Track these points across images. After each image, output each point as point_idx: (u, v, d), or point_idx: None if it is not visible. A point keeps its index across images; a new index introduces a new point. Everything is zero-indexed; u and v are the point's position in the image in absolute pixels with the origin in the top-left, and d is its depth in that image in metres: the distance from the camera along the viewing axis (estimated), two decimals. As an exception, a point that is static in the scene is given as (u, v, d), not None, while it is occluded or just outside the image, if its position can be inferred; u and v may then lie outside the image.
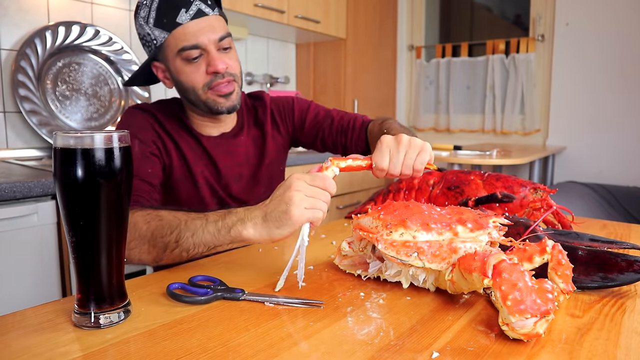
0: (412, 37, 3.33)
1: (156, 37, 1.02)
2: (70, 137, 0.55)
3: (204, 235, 0.75)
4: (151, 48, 1.05)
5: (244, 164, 1.17)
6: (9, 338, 0.54)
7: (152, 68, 1.10)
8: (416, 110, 3.30)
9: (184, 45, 1.00)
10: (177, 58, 1.02)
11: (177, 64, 1.03)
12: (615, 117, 2.62)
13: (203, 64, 1.03)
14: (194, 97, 1.06)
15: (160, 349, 0.52)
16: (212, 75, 1.03)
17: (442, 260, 0.63)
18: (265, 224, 0.70)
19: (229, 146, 1.15)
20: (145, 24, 1.02)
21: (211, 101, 1.05)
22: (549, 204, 0.92)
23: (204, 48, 1.01)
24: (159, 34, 1.01)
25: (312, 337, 0.55)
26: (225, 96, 1.06)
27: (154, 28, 1.01)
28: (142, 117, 1.09)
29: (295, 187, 0.69)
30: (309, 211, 0.68)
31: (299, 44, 3.12)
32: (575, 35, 2.69)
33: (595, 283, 0.68)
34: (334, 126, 1.25)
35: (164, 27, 1.00)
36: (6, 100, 1.79)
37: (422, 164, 0.81)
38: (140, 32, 1.05)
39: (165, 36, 1.01)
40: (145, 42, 1.05)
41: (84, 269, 0.58)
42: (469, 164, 2.35)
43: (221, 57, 1.03)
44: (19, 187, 1.29)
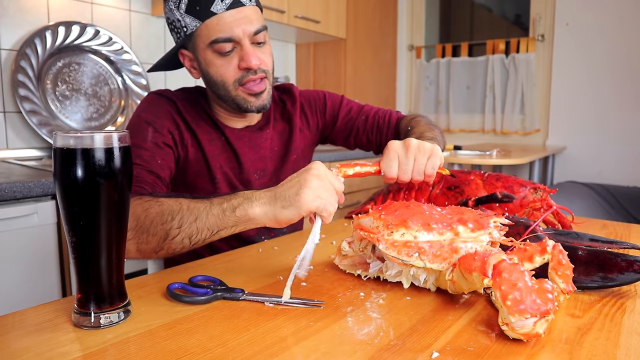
0: (412, 37, 3.33)
1: (187, 25, 0.95)
2: (70, 137, 0.55)
3: (208, 218, 0.71)
4: (180, 35, 0.98)
5: (268, 158, 1.12)
6: (9, 338, 0.54)
7: (179, 56, 1.04)
8: (416, 110, 3.30)
9: (217, 37, 0.93)
10: (208, 49, 0.96)
11: (208, 55, 0.97)
12: (615, 117, 2.62)
13: (235, 58, 0.96)
14: (223, 92, 1.00)
15: (160, 349, 0.52)
16: (244, 71, 0.97)
17: (443, 261, 0.63)
18: (273, 203, 0.68)
19: (254, 139, 1.10)
20: (175, 9, 0.95)
21: (241, 99, 1.00)
22: (549, 204, 0.92)
23: (238, 41, 0.95)
24: (190, 21, 0.94)
25: (312, 337, 0.55)
26: (256, 95, 1.00)
27: (185, 15, 0.94)
28: (161, 103, 1.03)
29: (315, 173, 0.67)
30: (320, 200, 0.66)
31: (299, 44, 3.12)
32: (575, 35, 2.69)
33: (595, 283, 0.68)
34: (368, 123, 1.19)
35: (197, 15, 0.93)
36: (6, 100, 1.79)
37: (434, 168, 0.79)
38: (170, 16, 0.98)
39: (197, 25, 0.94)
40: (174, 28, 0.99)
41: (84, 269, 0.58)
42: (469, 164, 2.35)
43: (255, 52, 0.96)
44: (19, 187, 1.28)
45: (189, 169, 1.04)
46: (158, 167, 0.95)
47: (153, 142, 0.97)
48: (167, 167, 0.98)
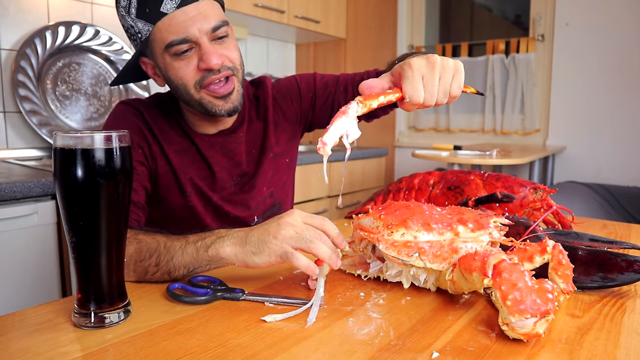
0: (412, 37, 3.33)
1: (140, 30, 0.88)
2: (70, 137, 0.55)
3: (183, 257, 0.71)
4: (137, 42, 0.91)
5: (244, 162, 1.06)
6: (9, 338, 0.54)
7: (140, 64, 0.97)
8: (416, 110, 3.30)
9: (172, 40, 0.86)
10: (165, 53, 0.89)
11: (166, 59, 0.90)
12: (615, 117, 2.62)
13: (195, 59, 0.89)
14: (187, 96, 0.93)
15: (160, 349, 0.52)
16: (205, 72, 0.90)
17: (443, 261, 0.63)
18: (243, 246, 0.67)
19: (227, 145, 1.04)
20: (127, 14, 0.88)
21: (207, 102, 0.93)
22: (549, 204, 0.92)
23: (194, 41, 0.88)
24: (142, 26, 0.88)
25: (312, 337, 0.55)
26: (224, 97, 0.93)
27: (137, 19, 0.87)
28: (128, 115, 0.98)
29: (286, 222, 0.65)
30: (287, 251, 0.63)
31: (299, 44, 3.12)
32: (575, 35, 2.69)
33: (595, 283, 0.68)
34: (348, 92, 1.08)
35: (147, 18, 0.86)
36: (6, 100, 1.79)
37: (460, 87, 0.71)
38: (124, 23, 0.91)
39: (149, 29, 0.87)
40: (130, 35, 0.92)
41: (84, 269, 0.58)
42: (469, 164, 2.35)
43: (216, 50, 0.89)
44: (19, 187, 1.28)
45: (159, 183, 0.99)
46: (133, 193, 0.90)
47: None
48: (142, 188, 0.94)
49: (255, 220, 1.08)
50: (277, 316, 0.60)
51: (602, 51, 2.62)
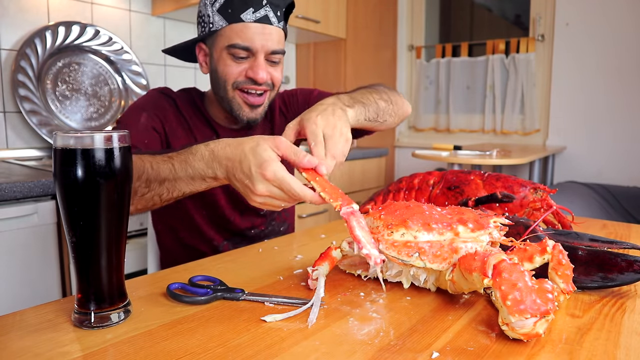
0: (412, 37, 3.33)
1: (214, 22, 1.01)
2: (70, 137, 0.55)
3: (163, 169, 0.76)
4: (205, 29, 1.03)
5: None
6: (9, 338, 0.54)
7: (196, 47, 1.09)
8: (416, 110, 3.30)
9: (236, 43, 0.99)
10: (225, 50, 1.01)
11: (223, 54, 1.02)
12: (615, 117, 2.62)
13: (246, 65, 1.02)
14: (223, 92, 1.05)
15: (160, 349, 0.52)
16: (248, 79, 1.02)
17: (443, 261, 0.63)
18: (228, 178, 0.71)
19: None
20: (210, 4, 1.01)
21: (236, 104, 1.05)
22: (549, 204, 0.92)
23: (254, 52, 1.01)
24: (218, 20, 1.00)
25: (312, 337, 0.55)
26: (252, 107, 1.05)
27: (216, 13, 1.00)
28: (159, 97, 1.09)
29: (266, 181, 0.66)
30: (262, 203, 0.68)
31: (299, 44, 3.12)
32: (575, 35, 2.69)
33: (595, 283, 0.68)
34: None
35: (226, 16, 0.99)
36: (6, 100, 1.79)
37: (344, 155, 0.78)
38: (202, 10, 1.04)
39: (223, 25, 1.00)
40: (201, 22, 1.04)
41: (84, 269, 0.58)
42: (469, 164, 2.35)
43: (266, 67, 1.02)
44: (19, 187, 1.28)
45: None
46: (143, 145, 1.00)
47: (143, 126, 1.01)
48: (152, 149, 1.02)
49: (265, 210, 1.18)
50: (277, 316, 0.60)
51: (602, 51, 2.62)
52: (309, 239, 0.99)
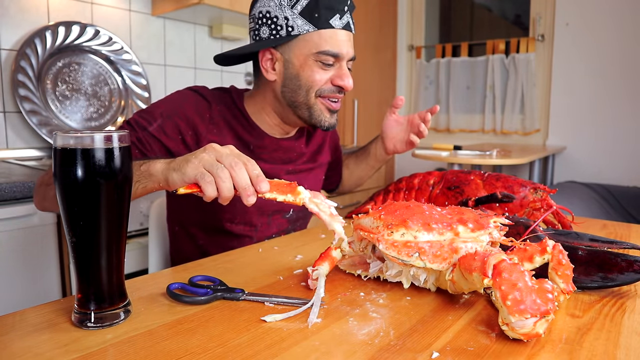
0: (412, 37, 3.33)
1: (295, 26, 0.96)
2: (70, 137, 0.55)
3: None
4: (278, 33, 0.98)
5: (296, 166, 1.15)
6: (9, 338, 0.54)
7: (259, 52, 1.02)
8: (416, 110, 3.30)
9: (328, 49, 0.97)
10: (311, 56, 0.98)
11: (309, 61, 0.98)
12: (615, 117, 2.62)
13: (332, 72, 1.00)
14: (304, 98, 1.01)
15: (160, 349, 0.52)
16: (334, 87, 1.01)
17: (443, 261, 0.63)
18: (169, 164, 0.70)
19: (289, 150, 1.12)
20: (288, 7, 0.96)
21: (317, 110, 1.02)
22: (549, 204, 0.92)
23: (340, 59, 1.00)
24: (302, 24, 0.96)
25: (312, 337, 0.55)
26: (332, 112, 1.04)
27: (299, 16, 0.96)
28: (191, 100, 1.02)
29: (212, 147, 0.67)
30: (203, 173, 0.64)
31: (299, 44, 3.12)
32: (575, 35, 2.69)
33: (595, 283, 0.68)
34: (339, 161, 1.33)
35: (313, 21, 0.96)
36: (6, 100, 1.79)
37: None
38: (273, 11, 0.97)
39: (309, 30, 0.96)
40: (272, 24, 0.98)
41: (84, 269, 0.58)
42: (469, 164, 2.35)
43: (350, 75, 1.02)
44: (19, 187, 1.28)
45: None
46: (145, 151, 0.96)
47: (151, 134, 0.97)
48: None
49: (290, 213, 1.15)
50: (277, 316, 0.60)
51: (602, 51, 2.62)
52: (309, 239, 0.99)
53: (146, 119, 0.98)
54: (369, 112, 3.11)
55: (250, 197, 0.64)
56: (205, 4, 2.00)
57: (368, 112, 3.10)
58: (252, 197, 0.64)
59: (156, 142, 0.98)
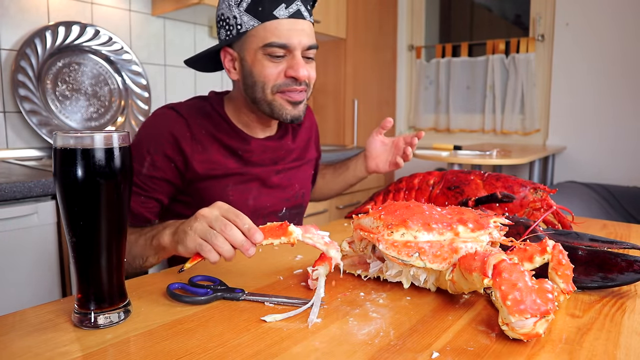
0: (412, 37, 3.33)
1: (242, 23, 0.95)
2: (70, 137, 0.55)
3: (136, 248, 0.79)
4: (230, 32, 0.98)
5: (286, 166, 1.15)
6: (9, 338, 0.54)
7: (221, 53, 1.03)
8: (416, 110, 3.30)
9: (273, 41, 0.94)
10: (259, 50, 0.96)
11: (258, 56, 0.97)
12: (615, 117, 2.62)
13: (284, 64, 0.97)
14: (261, 95, 0.99)
15: (160, 349, 0.52)
16: (289, 79, 0.98)
17: (443, 261, 0.63)
18: (175, 235, 0.73)
19: (276, 149, 1.11)
20: (235, 5, 0.96)
21: (277, 104, 1.00)
22: (549, 204, 0.92)
23: (291, 50, 0.96)
24: (247, 20, 0.95)
25: (312, 337, 0.55)
26: (294, 104, 1.00)
27: (244, 13, 0.95)
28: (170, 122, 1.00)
29: (202, 214, 0.69)
30: (201, 244, 0.67)
31: (299, 44, 3.12)
32: (575, 35, 2.69)
33: (595, 283, 0.68)
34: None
35: (257, 15, 0.94)
36: (6, 100, 1.79)
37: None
38: (225, 12, 0.98)
39: (254, 24, 0.95)
40: (225, 25, 0.99)
41: (84, 269, 0.58)
42: (469, 164, 2.35)
43: (305, 64, 0.98)
44: (19, 187, 1.28)
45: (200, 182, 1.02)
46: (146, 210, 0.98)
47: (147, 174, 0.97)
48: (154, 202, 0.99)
49: (284, 211, 1.15)
50: (277, 316, 0.60)
51: (602, 51, 2.62)
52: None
53: (136, 161, 0.98)
54: (369, 112, 3.11)
55: (249, 250, 0.67)
56: (205, 4, 2.00)
57: (368, 112, 3.10)
58: (251, 250, 0.67)
59: (154, 181, 0.98)
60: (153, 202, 0.99)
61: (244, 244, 0.66)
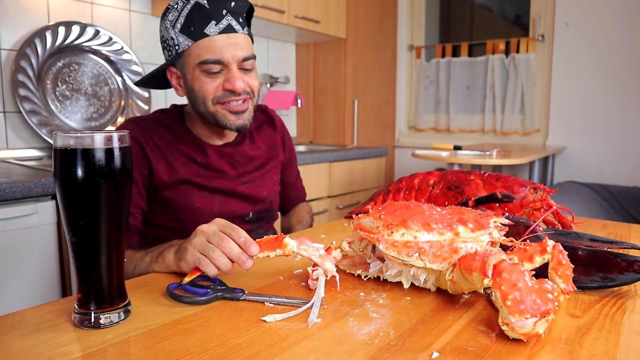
0: (412, 37, 3.33)
1: (179, 43, 1.00)
2: (70, 137, 0.55)
3: (142, 265, 0.83)
4: (171, 53, 1.03)
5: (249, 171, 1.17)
6: (9, 338, 0.54)
7: (167, 73, 1.08)
8: (416, 110, 3.30)
9: (207, 58, 0.99)
10: (197, 68, 1.01)
11: (196, 73, 1.01)
12: (615, 117, 2.62)
13: (221, 79, 1.01)
14: (203, 108, 1.04)
15: (160, 349, 0.52)
16: (227, 92, 1.02)
17: (443, 261, 0.63)
18: (177, 254, 0.75)
19: (234, 155, 1.14)
20: (171, 27, 1.01)
21: (220, 115, 1.04)
22: (549, 204, 0.92)
23: (226, 64, 1.00)
24: (183, 40, 1.00)
25: (312, 337, 0.55)
26: (237, 114, 1.04)
27: (179, 34, 1.00)
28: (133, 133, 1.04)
29: (200, 230, 0.72)
30: (200, 258, 0.70)
31: (299, 44, 3.12)
32: (575, 35, 2.69)
33: (595, 283, 0.68)
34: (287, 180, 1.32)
35: (190, 35, 0.99)
36: (6, 100, 1.79)
37: None
38: (164, 34, 1.03)
39: (189, 44, 0.99)
40: (167, 46, 1.04)
41: (84, 269, 0.58)
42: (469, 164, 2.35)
43: (241, 76, 1.01)
44: (19, 187, 1.28)
45: (167, 191, 1.06)
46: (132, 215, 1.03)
47: None
48: (137, 210, 1.04)
49: (250, 215, 1.17)
50: (277, 316, 0.60)
51: (602, 51, 2.62)
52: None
53: None
54: (369, 112, 3.11)
55: (245, 263, 0.69)
56: (205, 4, 1.99)
57: (368, 112, 3.10)
58: (247, 262, 0.69)
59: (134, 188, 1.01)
60: (136, 209, 1.04)
61: (240, 256, 0.69)
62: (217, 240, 0.70)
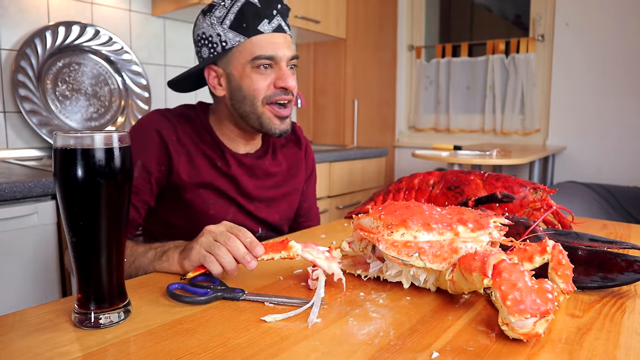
0: (412, 37, 3.33)
1: (228, 40, 0.99)
2: (70, 137, 0.55)
3: (144, 260, 0.82)
4: (215, 50, 1.01)
5: (265, 187, 1.13)
6: (9, 338, 0.54)
7: (204, 71, 1.05)
8: (416, 110, 3.30)
9: (261, 54, 0.98)
10: (247, 65, 1.00)
11: (246, 70, 1.00)
12: (615, 117, 2.62)
13: (272, 76, 1.01)
14: (250, 108, 1.02)
15: (160, 349, 0.52)
16: (278, 90, 1.01)
17: (443, 261, 0.63)
18: (181, 253, 0.76)
19: (253, 168, 1.11)
20: (218, 24, 0.99)
21: (266, 118, 1.02)
22: (549, 204, 0.92)
23: (277, 62, 1.00)
24: (233, 36, 0.99)
25: (312, 337, 0.55)
26: (282, 118, 1.03)
27: (229, 30, 0.99)
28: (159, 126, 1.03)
29: (208, 230, 0.74)
30: (205, 255, 0.71)
31: (299, 44, 3.12)
32: (575, 35, 2.69)
33: (595, 283, 0.68)
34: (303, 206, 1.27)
35: (242, 31, 0.98)
36: (6, 100, 1.79)
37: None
38: (207, 31, 1.01)
39: (240, 40, 0.98)
40: (209, 43, 1.02)
41: (84, 269, 0.58)
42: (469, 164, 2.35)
43: (291, 75, 1.02)
44: (19, 187, 1.28)
45: (184, 190, 1.04)
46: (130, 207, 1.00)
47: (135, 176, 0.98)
48: (142, 204, 1.01)
49: (259, 232, 1.14)
50: (277, 316, 0.60)
51: (602, 51, 2.62)
52: (309, 239, 0.99)
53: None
54: (369, 112, 3.11)
55: (250, 263, 0.70)
56: (205, 4, 1.99)
57: (368, 112, 3.10)
58: (252, 262, 0.70)
59: (143, 183, 1.00)
60: (142, 205, 1.02)
61: (245, 256, 0.70)
62: (224, 239, 0.71)
